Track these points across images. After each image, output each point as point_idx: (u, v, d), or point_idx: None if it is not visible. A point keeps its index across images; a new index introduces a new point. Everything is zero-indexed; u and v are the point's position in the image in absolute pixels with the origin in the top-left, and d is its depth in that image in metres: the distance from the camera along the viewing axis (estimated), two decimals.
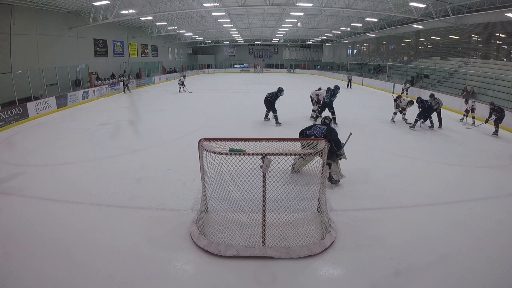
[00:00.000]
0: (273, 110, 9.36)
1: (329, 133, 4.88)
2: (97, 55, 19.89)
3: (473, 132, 9.13)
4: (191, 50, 39.91)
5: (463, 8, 15.03)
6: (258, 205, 3.61)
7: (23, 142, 8.04)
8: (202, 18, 23.77)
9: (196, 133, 8.32)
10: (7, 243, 3.59)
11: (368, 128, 9.25)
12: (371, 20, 21.38)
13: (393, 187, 5.07)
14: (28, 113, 10.75)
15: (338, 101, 9.65)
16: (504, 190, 5.05)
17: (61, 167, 6.06)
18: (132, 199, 4.61)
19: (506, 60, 16.17)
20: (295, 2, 14.99)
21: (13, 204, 4.55)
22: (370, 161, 6.32)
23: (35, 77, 12.53)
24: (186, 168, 5.66)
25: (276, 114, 9.37)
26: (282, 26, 25.89)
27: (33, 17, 13.99)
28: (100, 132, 8.81)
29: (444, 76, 17.41)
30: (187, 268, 3.21)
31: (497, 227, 3.93)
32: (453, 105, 12.54)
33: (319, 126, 5.07)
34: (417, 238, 3.68)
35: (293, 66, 40.42)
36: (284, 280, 3.02)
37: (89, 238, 3.64)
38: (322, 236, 3.56)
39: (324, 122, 5.19)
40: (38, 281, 2.97)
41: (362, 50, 33.53)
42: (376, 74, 24.66)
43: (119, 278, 3.02)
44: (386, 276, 3.06)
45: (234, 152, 3.25)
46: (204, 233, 3.62)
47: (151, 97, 16.84)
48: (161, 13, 16.83)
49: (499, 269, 3.15)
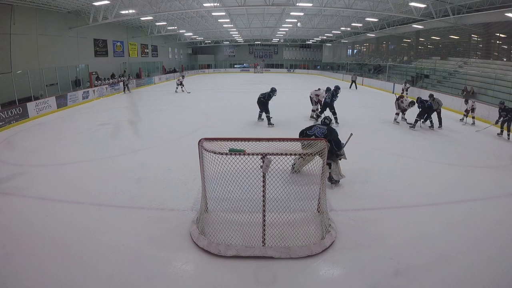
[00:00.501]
0: (266, 110, 9.29)
1: (330, 133, 4.88)
2: (97, 55, 19.88)
3: (474, 132, 9.13)
4: (191, 50, 39.91)
5: (463, 8, 15.03)
6: (258, 205, 3.61)
7: (23, 142, 8.04)
8: (202, 18, 23.77)
9: (196, 133, 8.32)
10: (7, 243, 3.59)
11: (368, 128, 9.25)
12: (371, 20, 21.37)
13: (393, 187, 5.07)
14: (28, 113, 10.75)
15: (338, 101, 9.65)
16: (504, 190, 5.05)
17: (61, 167, 6.06)
18: (132, 199, 4.61)
19: (506, 60, 16.16)
20: (295, 2, 14.99)
21: (13, 204, 4.55)
22: (370, 161, 6.32)
23: (35, 77, 12.53)
24: (186, 168, 5.66)
25: (269, 115, 9.29)
26: (282, 26, 25.89)
27: (33, 17, 13.99)
28: (100, 132, 8.82)
29: (444, 76, 17.41)
30: (187, 268, 3.21)
31: (497, 227, 3.93)
32: (453, 105, 12.54)
33: (319, 126, 5.07)
34: (417, 238, 3.68)
35: (293, 66, 40.41)
36: (284, 280, 3.02)
37: (89, 238, 3.64)
38: (322, 236, 3.56)
39: (324, 122, 5.20)
40: (38, 281, 2.97)
41: (362, 50, 33.52)
42: (376, 74, 24.65)
43: (119, 278, 3.02)
44: (386, 276, 3.06)
45: (234, 152, 3.25)
46: (204, 233, 3.62)
47: (151, 97, 16.84)
48: (161, 13, 16.82)
49: (499, 269, 3.15)
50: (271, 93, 9.32)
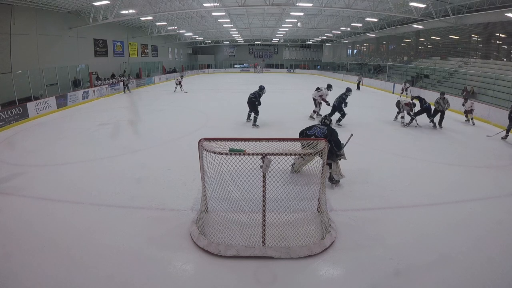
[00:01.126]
0: (255, 111, 9.10)
1: (330, 133, 4.88)
2: (97, 55, 19.89)
3: (473, 132, 9.13)
4: (191, 50, 39.92)
5: (463, 8, 15.03)
6: (258, 205, 3.61)
7: (23, 142, 8.04)
8: (202, 18, 23.78)
9: (196, 133, 8.31)
10: (7, 243, 3.59)
11: (368, 128, 9.24)
12: (371, 20, 21.38)
13: (393, 187, 5.07)
14: (28, 113, 10.75)
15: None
16: (504, 190, 5.05)
17: (61, 167, 6.06)
18: (132, 199, 4.61)
19: (506, 60, 16.17)
20: (295, 2, 14.99)
21: (13, 204, 4.55)
22: (370, 161, 6.31)
23: (35, 77, 12.53)
24: (186, 168, 5.65)
25: (257, 116, 9.10)
26: (282, 26, 25.89)
27: (33, 17, 13.99)
28: (100, 132, 8.81)
29: (444, 76, 17.41)
30: (187, 268, 3.21)
31: (497, 227, 3.93)
32: (453, 105, 12.47)
33: (319, 126, 5.06)
34: (417, 238, 3.68)
35: (293, 66, 40.42)
36: (284, 280, 3.02)
37: (89, 238, 3.64)
38: (322, 236, 3.56)
39: (324, 122, 5.18)
40: (38, 281, 2.97)
41: (362, 50, 33.53)
42: (376, 74, 24.65)
43: (119, 278, 3.02)
44: (386, 276, 3.06)
45: (234, 152, 3.25)
46: (204, 233, 3.62)
47: (151, 97, 16.83)
48: (161, 13, 16.83)
49: (499, 269, 3.15)
50: (261, 92, 9.26)
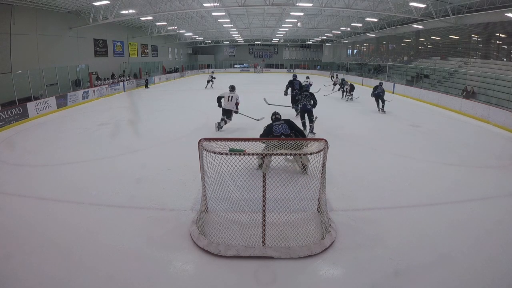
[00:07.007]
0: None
1: (291, 126, 5.11)
2: (97, 55, 19.87)
3: (473, 132, 9.13)
4: (191, 50, 39.88)
5: (463, 8, 15.02)
6: (258, 205, 3.61)
7: (23, 142, 8.04)
8: (202, 18, 23.77)
9: (196, 133, 8.30)
10: (7, 243, 3.58)
11: (367, 128, 9.25)
12: (371, 20, 21.36)
13: (393, 187, 5.07)
14: (28, 113, 10.74)
15: (338, 100, 9.59)
16: (504, 190, 5.05)
17: (61, 167, 6.06)
18: (132, 199, 4.60)
19: (506, 60, 16.17)
20: (295, 2, 14.99)
21: (13, 204, 4.55)
22: (370, 161, 6.31)
23: (35, 77, 12.52)
24: (186, 168, 5.65)
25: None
26: (282, 26, 25.87)
27: (33, 17, 13.98)
28: (100, 132, 8.81)
29: (444, 76, 17.41)
30: (187, 268, 3.21)
31: (497, 227, 3.92)
32: (453, 105, 12.55)
33: (278, 124, 5.14)
34: (417, 238, 3.67)
35: (293, 66, 40.33)
36: (284, 280, 3.02)
37: (89, 238, 3.64)
38: (322, 236, 3.56)
39: (276, 117, 5.34)
40: (38, 281, 2.97)
41: (362, 50, 33.51)
42: (376, 74, 24.65)
43: (119, 278, 3.02)
44: (386, 276, 3.05)
45: (234, 152, 3.25)
46: (204, 233, 3.61)
47: (151, 97, 16.83)
48: (161, 13, 16.82)
49: (499, 269, 3.15)
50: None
